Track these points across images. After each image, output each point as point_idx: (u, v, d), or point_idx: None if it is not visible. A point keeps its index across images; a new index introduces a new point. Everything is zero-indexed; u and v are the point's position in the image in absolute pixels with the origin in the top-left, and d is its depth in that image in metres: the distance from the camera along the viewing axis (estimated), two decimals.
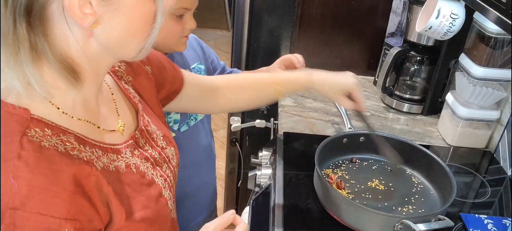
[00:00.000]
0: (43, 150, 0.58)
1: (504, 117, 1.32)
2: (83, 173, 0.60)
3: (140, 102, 0.81)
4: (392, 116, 1.53)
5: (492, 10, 0.84)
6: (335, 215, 1.01)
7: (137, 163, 0.73)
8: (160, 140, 0.81)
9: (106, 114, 0.72)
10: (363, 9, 1.66)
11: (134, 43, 0.64)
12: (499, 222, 1.06)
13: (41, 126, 0.59)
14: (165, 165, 0.80)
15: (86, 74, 0.64)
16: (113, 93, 0.76)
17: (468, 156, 1.36)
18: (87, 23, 0.58)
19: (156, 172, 0.76)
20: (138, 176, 0.72)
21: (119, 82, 0.79)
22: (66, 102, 0.63)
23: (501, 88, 1.29)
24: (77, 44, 0.60)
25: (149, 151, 0.77)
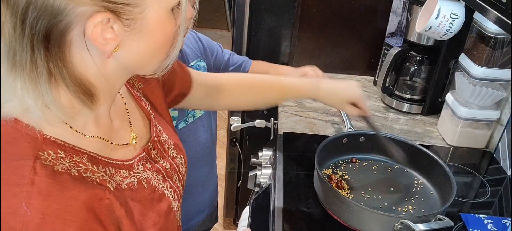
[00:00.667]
0: (56, 175, 0.56)
1: (504, 117, 1.32)
2: (96, 197, 0.59)
3: (151, 111, 0.80)
4: (392, 116, 1.53)
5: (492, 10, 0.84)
6: (335, 215, 1.01)
7: (149, 177, 0.72)
8: (171, 149, 0.81)
9: (118, 127, 0.71)
10: (363, 9, 1.66)
11: (153, 62, 0.63)
12: (499, 222, 1.06)
13: (54, 147, 0.58)
14: (175, 175, 0.79)
15: (101, 93, 0.63)
16: (125, 103, 0.75)
17: (468, 156, 1.36)
18: (109, 48, 0.57)
19: (167, 184, 0.76)
20: (149, 191, 0.71)
21: (132, 91, 0.78)
22: (79, 122, 0.62)
23: (501, 88, 1.29)
24: (95, 66, 0.59)
25: (161, 162, 0.76)
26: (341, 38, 1.73)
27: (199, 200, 1.32)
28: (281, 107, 1.51)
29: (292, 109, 1.50)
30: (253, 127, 1.73)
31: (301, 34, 1.72)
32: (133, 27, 0.57)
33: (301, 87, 1.09)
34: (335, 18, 1.69)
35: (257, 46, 1.74)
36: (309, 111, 1.50)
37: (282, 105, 1.52)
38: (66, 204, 0.56)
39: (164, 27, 0.60)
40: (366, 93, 1.65)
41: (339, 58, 1.77)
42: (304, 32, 1.72)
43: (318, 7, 1.67)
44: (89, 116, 0.63)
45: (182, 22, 0.61)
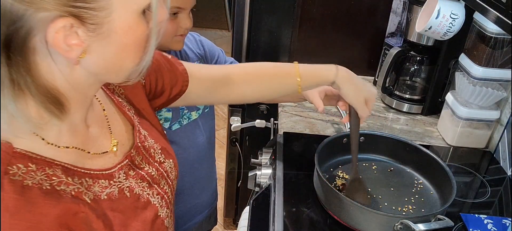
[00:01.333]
0: (25, 191, 0.53)
1: (504, 117, 1.32)
2: (70, 211, 0.57)
3: (135, 116, 0.77)
4: (392, 116, 1.53)
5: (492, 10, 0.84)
6: (335, 215, 1.01)
7: (132, 186, 0.69)
8: (158, 154, 0.77)
9: (97, 135, 0.67)
10: (363, 9, 1.66)
11: (124, 68, 0.60)
12: (499, 222, 1.06)
13: (24, 160, 0.55)
14: (163, 181, 0.76)
15: (72, 102, 0.60)
16: (104, 109, 0.71)
17: (468, 156, 1.36)
18: (74, 55, 0.54)
19: (153, 191, 0.73)
20: (132, 200, 0.68)
21: (112, 96, 0.75)
22: (52, 132, 0.59)
23: (501, 88, 1.29)
24: (62, 74, 0.56)
25: (146, 168, 0.73)
26: (341, 38, 1.73)
27: (196, 202, 1.32)
28: (281, 107, 1.51)
29: (292, 110, 1.50)
30: (253, 127, 1.73)
31: (301, 34, 1.72)
32: (99, 32, 0.53)
33: (318, 71, 0.97)
34: (335, 18, 1.69)
35: (257, 46, 1.74)
36: (309, 112, 1.50)
37: (282, 105, 1.52)
38: (36, 221, 0.53)
39: (134, 31, 0.56)
40: None
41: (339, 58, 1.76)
42: (304, 32, 1.72)
43: (318, 7, 1.67)
44: (62, 125, 0.60)
45: (154, 25, 0.58)
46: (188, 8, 1.06)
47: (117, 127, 0.72)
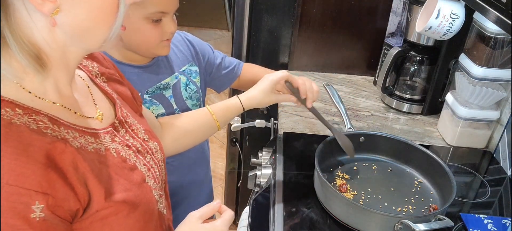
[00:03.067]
0: (12, 126, 0.57)
1: (504, 117, 1.32)
2: (57, 149, 0.59)
3: (118, 99, 0.81)
4: (392, 116, 1.53)
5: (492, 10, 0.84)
6: (335, 215, 1.01)
7: (118, 148, 0.72)
8: (142, 132, 0.81)
9: (82, 103, 0.71)
10: (363, 9, 1.66)
11: (98, 32, 0.63)
12: (499, 222, 1.06)
13: (11, 106, 0.58)
14: (149, 156, 0.78)
15: (53, 62, 0.63)
16: (89, 87, 0.76)
17: (468, 156, 1.36)
18: (46, 10, 0.57)
19: (139, 160, 0.75)
20: (119, 159, 0.71)
21: (94, 79, 0.79)
22: (38, 87, 0.63)
23: (501, 88, 1.29)
24: (40, 33, 0.60)
25: (130, 140, 0.76)
26: (341, 38, 1.73)
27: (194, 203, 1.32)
28: (281, 107, 1.51)
29: (292, 109, 1.50)
30: (253, 127, 1.73)
31: (301, 34, 1.72)
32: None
33: (226, 105, 1.11)
34: (335, 18, 1.69)
35: (257, 46, 1.74)
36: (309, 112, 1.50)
37: (282, 105, 1.52)
38: (23, 149, 0.56)
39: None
40: (366, 93, 1.65)
41: (339, 58, 1.77)
42: (304, 32, 1.72)
43: (318, 7, 1.67)
44: (47, 82, 0.64)
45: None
46: (171, 12, 1.04)
47: (100, 101, 0.76)
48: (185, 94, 1.18)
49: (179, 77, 1.17)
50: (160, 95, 1.12)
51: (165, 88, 1.13)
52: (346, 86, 1.70)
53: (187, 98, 1.19)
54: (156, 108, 1.11)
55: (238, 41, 1.71)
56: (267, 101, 1.12)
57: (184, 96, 1.18)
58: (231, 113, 1.12)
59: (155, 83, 1.11)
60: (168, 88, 1.14)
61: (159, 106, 1.12)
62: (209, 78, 1.31)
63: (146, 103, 1.09)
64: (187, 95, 1.19)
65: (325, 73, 1.78)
